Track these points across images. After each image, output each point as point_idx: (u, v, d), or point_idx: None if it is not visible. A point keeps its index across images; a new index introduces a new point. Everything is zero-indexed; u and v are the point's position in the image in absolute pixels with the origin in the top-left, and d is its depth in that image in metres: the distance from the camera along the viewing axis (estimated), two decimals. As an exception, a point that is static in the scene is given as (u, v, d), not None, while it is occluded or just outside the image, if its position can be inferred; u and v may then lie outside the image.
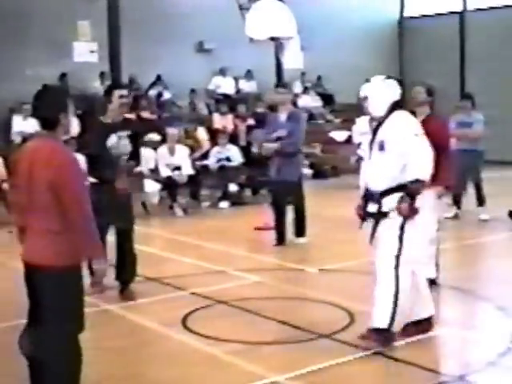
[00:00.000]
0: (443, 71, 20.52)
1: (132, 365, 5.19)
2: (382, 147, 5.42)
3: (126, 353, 5.44)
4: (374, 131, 5.53)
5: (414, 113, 6.10)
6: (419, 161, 5.32)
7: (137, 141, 7.24)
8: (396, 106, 5.51)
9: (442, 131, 7.04)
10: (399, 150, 5.32)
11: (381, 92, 5.50)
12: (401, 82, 5.66)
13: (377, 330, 5.35)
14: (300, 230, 9.43)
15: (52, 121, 3.98)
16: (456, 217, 11.02)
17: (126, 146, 6.93)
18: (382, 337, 5.31)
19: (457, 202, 11.10)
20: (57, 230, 3.88)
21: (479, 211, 10.97)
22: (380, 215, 5.39)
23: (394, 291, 5.30)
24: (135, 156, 7.17)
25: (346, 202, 12.12)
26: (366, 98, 5.59)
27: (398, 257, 5.31)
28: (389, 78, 5.66)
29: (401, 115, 5.50)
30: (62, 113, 3.98)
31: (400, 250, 5.32)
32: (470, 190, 11.14)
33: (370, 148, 5.54)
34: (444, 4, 22.01)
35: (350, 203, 5.79)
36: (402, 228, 5.33)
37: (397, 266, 5.30)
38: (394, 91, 5.54)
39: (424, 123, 6.89)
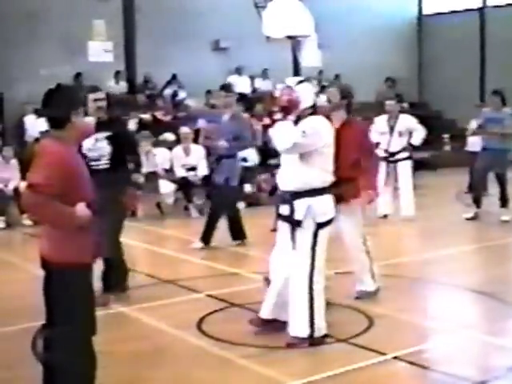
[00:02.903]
0: (463, 69, 20.32)
1: (146, 368, 5.11)
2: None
3: (140, 356, 5.36)
4: None
5: (328, 118, 5.77)
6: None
7: (119, 143, 6.65)
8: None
9: (363, 136, 6.64)
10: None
11: None
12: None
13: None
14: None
15: (60, 120, 3.85)
16: (475, 217, 10.85)
17: (103, 148, 6.58)
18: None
19: (477, 201, 10.93)
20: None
21: (501, 212, 10.79)
22: (293, 221, 5.42)
23: (309, 299, 5.39)
24: (117, 158, 6.63)
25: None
26: None
27: (312, 265, 5.39)
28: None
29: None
30: (73, 111, 3.85)
31: (313, 259, 5.39)
32: (491, 191, 10.96)
33: None
34: (463, 0, 21.80)
35: (368, 205, 5.68)
36: (314, 236, 5.37)
37: (311, 276, 5.39)
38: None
39: (342, 128, 6.28)
